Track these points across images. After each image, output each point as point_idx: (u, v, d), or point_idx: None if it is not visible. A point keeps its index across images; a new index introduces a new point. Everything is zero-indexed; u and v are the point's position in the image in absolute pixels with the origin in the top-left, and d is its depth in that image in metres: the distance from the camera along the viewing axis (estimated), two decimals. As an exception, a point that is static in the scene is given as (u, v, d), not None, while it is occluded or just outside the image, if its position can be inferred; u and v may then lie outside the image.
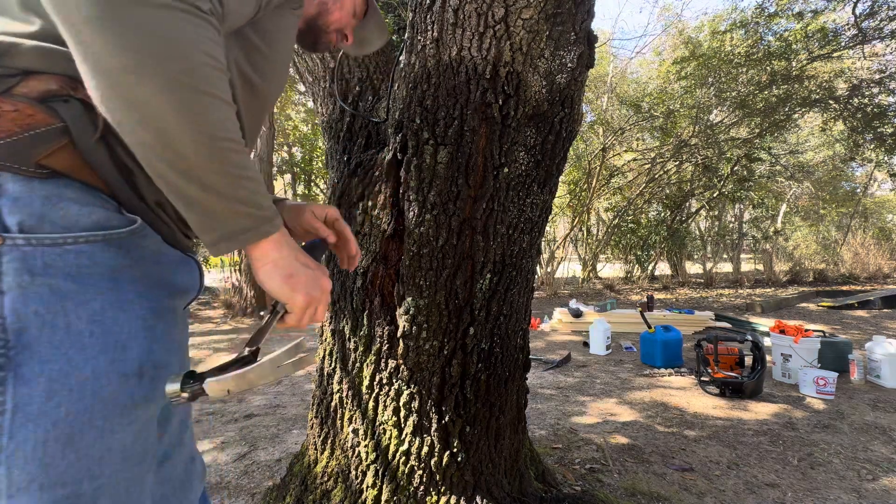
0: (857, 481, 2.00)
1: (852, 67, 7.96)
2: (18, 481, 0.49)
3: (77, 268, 0.52)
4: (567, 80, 1.26)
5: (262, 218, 0.57)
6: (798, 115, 8.70)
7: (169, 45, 0.47)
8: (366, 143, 1.49)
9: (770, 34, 7.49)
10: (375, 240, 1.37)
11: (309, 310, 0.64)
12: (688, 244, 11.55)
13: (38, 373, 0.50)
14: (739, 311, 7.04)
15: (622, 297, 9.10)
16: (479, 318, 1.35)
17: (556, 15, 1.17)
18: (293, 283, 0.61)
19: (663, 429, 2.58)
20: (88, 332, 0.52)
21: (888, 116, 7.34)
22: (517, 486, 1.53)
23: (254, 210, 0.56)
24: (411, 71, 1.28)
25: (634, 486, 1.93)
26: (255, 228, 0.56)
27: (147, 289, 0.58)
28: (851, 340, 3.80)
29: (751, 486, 1.97)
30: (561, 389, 3.33)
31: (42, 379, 0.50)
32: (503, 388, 1.44)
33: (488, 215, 1.29)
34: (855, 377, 3.36)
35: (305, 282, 0.61)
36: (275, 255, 0.60)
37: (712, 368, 3.28)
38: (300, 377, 3.64)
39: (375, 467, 1.37)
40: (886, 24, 6.45)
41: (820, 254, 12.73)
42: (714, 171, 10.32)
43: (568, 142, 1.38)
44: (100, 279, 0.53)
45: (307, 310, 0.64)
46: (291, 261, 0.61)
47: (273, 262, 0.60)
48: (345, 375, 1.45)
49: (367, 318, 1.38)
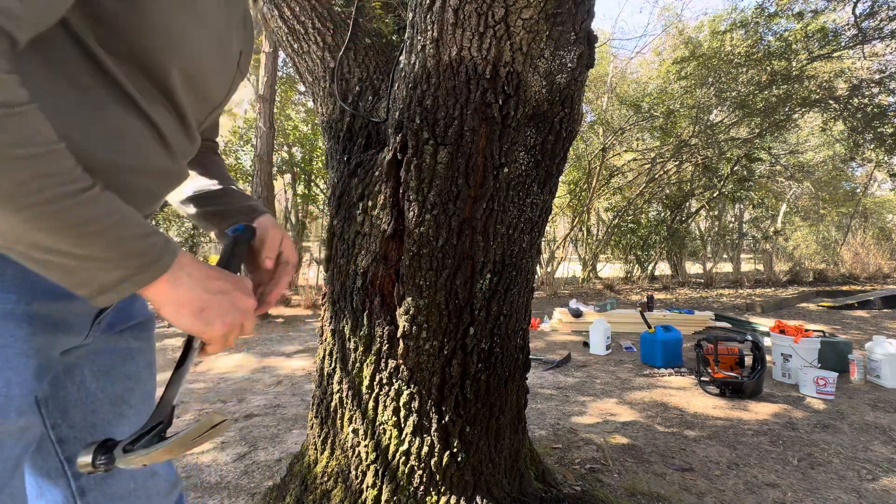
0: (857, 481, 2.00)
1: (852, 67, 7.96)
2: None
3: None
4: (567, 80, 1.26)
5: (138, 266, 0.48)
6: (798, 115, 8.70)
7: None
8: (366, 143, 1.49)
9: (770, 34, 7.50)
10: (375, 240, 1.37)
11: (231, 334, 0.58)
12: (688, 244, 11.55)
13: None
14: (739, 311, 7.04)
15: (622, 297, 9.10)
16: (479, 318, 1.35)
17: (556, 15, 1.17)
18: (205, 317, 0.54)
19: (663, 429, 2.58)
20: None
21: (888, 116, 7.34)
22: (517, 486, 1.53)
23: (121, 260, 0.47)
24: (411, 71, 1.28)
25: (634, 486, 1.93)
26: (131, 278, 0.48)
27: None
28: (851, 340, 3.80)
29: (751, 486, 1.97)
30: (561, 389, 3.34)
31: None
32: (503, 388, 1.44)
33: (488, 215, 1.29)
34: (855, 377, 3.36)
35: (220, 311, 0.55)
36: (175, 293, 0.52)
37: (712, 368, 3.28)
38: (300, 377, 3.64)
39: (375, 467, 1.37)
40: (886, 24, 6.45)
41: (820, 254, 12.74)
42: (714, 171, 10.33)
43: (568, 142, 1.38)
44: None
45: (229, 336, 0.57)
46: (198, 293, 0.54)
47: (175, 301, 0.52)
48: (345, 375, 1.45)
49: (367, 318, 1.38)
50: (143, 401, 0.75)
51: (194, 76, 0.62)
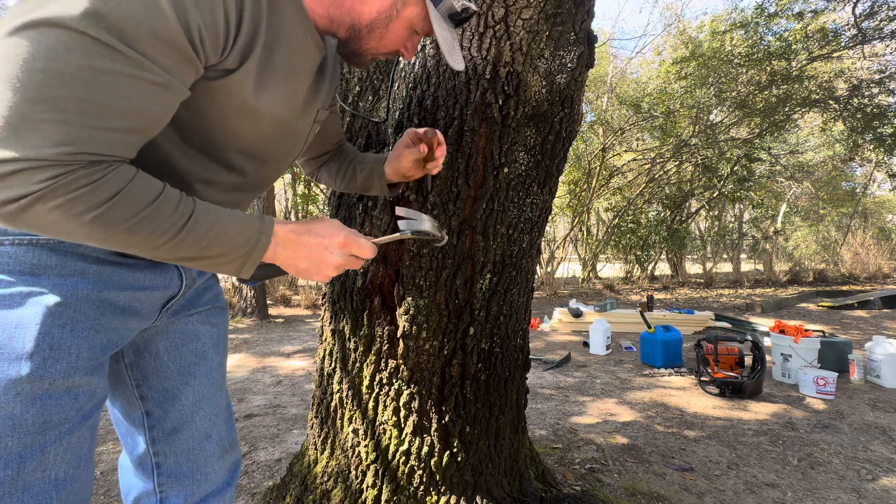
0: (857, 481, 2.00)
1: (852, 67, 7.96)
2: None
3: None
4: (567, 80, 1.26)
5: (245, 254, 0.66)
6: (798, 115, 8.70)
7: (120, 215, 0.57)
8: (366, 143, 1.49)
9: (770, 34, 7.49)
10: (376, 235, 1.37)
11: (348, 265, 0.75)
12: (688, 244, 11.55)
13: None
14: (739, 311, 7.04)
15: (622, 297, 9.10)
16: (479, 318, 1.35)
17: (556, 15, 1.17)
18: (308, 272, 0.72)
19: (663, 429, 2.58)
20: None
21: (888, 116, 7.34)
22: (517, 486, 1.53)
23: (232, 253, 0.65)
24: (411, 71, 1.28)
25: (634, 486, 1.93)
26: (245, 262, 0.66)
27: (71, 283, 0.66)
28: (851, 340, 3.80)
29: (751, 486, 1.97)
30: (561, 389, 3.33)
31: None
32: (503, 388, 1.44)
33: (488, 215, 1.29)
34: (855, 377, 3.36)
35: (317, 263, 0.72)
36: (281, 260, 0.71)
37: (712, 368, 3.28)
38: (300, 377, 3.65)
39: (375, 467, 1.37)
40: (886, 24, 6.45)
41: (820, 254, 12.74)
42: (714, 171, 10.33)
43: (568, 142, 1.38)
44: (19, 275, 0.63)
45: (345, 266, 0.74)
46: (294, 258, 0.71)
47: (284, 264, 0.72)
48: (345, 375, 1.45)
49: (367, 318, 1.38)
50: (207, 375, 0.90)
51: (254, 153, 0.78)
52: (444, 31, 0.79)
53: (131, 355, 0.84)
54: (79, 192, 0.52)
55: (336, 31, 0.76)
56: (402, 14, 0.76)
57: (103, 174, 0.54)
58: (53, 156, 0.50)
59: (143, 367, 0.85)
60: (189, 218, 0.60)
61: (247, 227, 0.66)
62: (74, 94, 0.51)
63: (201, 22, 0.56)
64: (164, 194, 0.59)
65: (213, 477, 0.91)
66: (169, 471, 0.87)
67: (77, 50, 0.50)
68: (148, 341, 0.84)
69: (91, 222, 0.54)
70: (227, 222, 0.64)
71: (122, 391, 0.86)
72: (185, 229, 0.60)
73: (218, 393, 0.93)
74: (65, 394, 0.65)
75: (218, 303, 0.95)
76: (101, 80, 0.52)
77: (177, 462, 0.87)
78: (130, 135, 0.57)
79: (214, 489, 0.91)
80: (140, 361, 0.84)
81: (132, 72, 0.53)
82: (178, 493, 0.87)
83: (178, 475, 0.87)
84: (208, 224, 0.62)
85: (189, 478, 0.88)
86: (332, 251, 0.72)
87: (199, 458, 0.88)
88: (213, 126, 0.70)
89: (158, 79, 0.56)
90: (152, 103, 0.57)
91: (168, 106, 0.60)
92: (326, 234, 0.72)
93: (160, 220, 0.58)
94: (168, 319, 0.85)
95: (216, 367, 0.92)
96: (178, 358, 0.86)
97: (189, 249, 0.61)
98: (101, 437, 2.45)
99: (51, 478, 0.65)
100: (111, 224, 0.55)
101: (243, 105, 0.68)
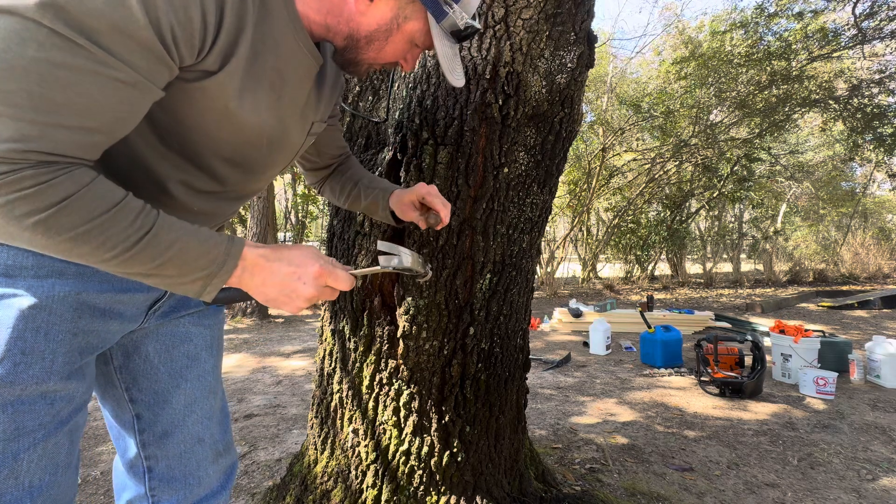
0: (857, 481, 2.00)
1: (852, 67, 7.97)
2: None
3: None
4: (567, 80, 1.26)
5: (207, 276, 0.61)
6: (798, 115, 8.70)
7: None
8: (366, 143, 1.49)
9: (770, 34, 7.50)
10: (375, 240, 1.37)
11: (321, 297, 0.69)
12: (688, 244, 11.55)
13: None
14: (739, 311, 7.04)
15: (622, 297, 9.10)
16: (479, 318, 1.35)
17: (556, 15, 1.17)
18: (278, 302, 0.67)
19: (663, 429, 2.58)
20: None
21: (888, 116, 7.34)
22: (517, 486, 1.53)
23: (193, 274, 0.61)
24: (411, 71, 1.28)
25: (634, 486, 1.93)
26: (207, 284, 0.62)
27: (48, 285, 0.64)
28: (851, 340, 3.80)
29: (751, 486, 1.97)
30: (561, 389, 3.33)
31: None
32: (503, 388, 1.44)
33: (488, 215, 1.29)
34: (855, 377, 3.36)
35: (287, 297, 0.67)
36: (249, 286, 0.66)
37: (712, 368, 3.28)
38: (300, 377, 3.65)
39: (375, 467, 1.37)
40: (886, 24, 6.45)
41: (820, 254, 12.74)
42: (714, 171, 10.32)
43: (568, 142, 1.38)
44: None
45: (317, 299, 0.69)
46: (262, 286, 0.66)
47: (252, 290, 0.67)
48: (345, 375, 1.45)
49: (367, 318, 1.38)
50: (199, 377, 0.88)
51: (237, 161, 0.75)
52: (446, 47, 0.77)
53: (120, 357, 0.82)
54: (22, 193, 0.49)
55: (333, 39, 0.74)
56: (403, 28, 0.74)
57: (52, 176, 0.50)
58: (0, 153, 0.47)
59: (132, 370, 0.83)
60: (146, 233, 0.56)
61: (212, 249, 0.61)
62: (26, 88, 0.47)
63: (174, 20, 0.53)
64: (123, 204, 0.55)
65: (207, 481, 0.89)
66: (160, 475, 0.86)
67: (32, 41, 0.47)
68: (137, 343, 0.83)
69: (33, 226, 0.51)
70: (189, 241, 0.59)
71: (112, 394, 0.84)
72: (140, 244, 0.56)
73: (211, 396, 0.91)
74: (39, 399, 0.64)
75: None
76: (57, 74, 0.48)
77: (168, 466, 0.85)
78: (91, 134, 0.53)
79: (208, 493, 0.90)
80: (129, 364, 0.83)
81: (93, 67, 0.50)
82: (170, 498, 0.86)
83: (169, 479, 0.86)
84: (168, 241, 0.58)
85: (181, 482, 0.86)
86: (304, 281, 0.67)
87: (191, 462, 0.87)
88: (191, 130, 0.67)
89: (124, 76, 0.52)
90: (117, 102, 0.53)
91: (136, 106, 0.56)
92: (300, 264, 0.67)
93: (112, 231, 0.54)
94: (157, 321, 0.83)
95: (209, 369, 0.90)
96: (169, 360, 0.85)
97: (141, 266, 0.57)
98: (102, 437, 2.45)
99: (24, 485, 0.64)
100: (55, 231, 0.51)
101: (225, 109, 0.65)
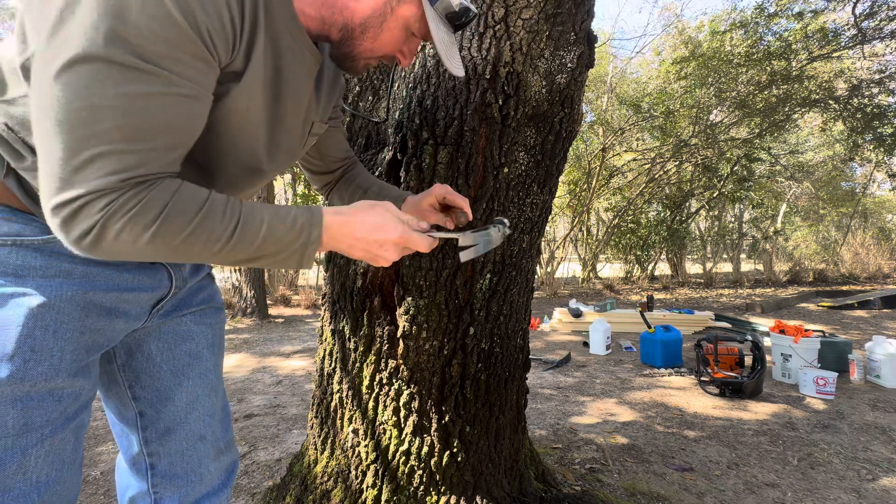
0: (857, 481, 2.00)
1: (852, 67, 7.97)
2: None
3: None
4: (567, 80, 1.26)
5: (299, 248, 0.67)
6: (798, 115, 8.70)
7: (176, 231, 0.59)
8: (366, 143, 1.49)
9: (770, 34, 7.50)
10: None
11: (404, 251, 0.74)
12: (688, 244, 11.55)
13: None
14: (739, 311, 7.04)
15: (622, 297, 9.10)
16: (479, 318, 1.35)
17: (556, 15, 1.17)
18: (364, 257, 0.73)
19: (663, 429, 2.58)
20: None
21: (888, 116, 7.34)
22: (517, 486, 1.53)
23: (288, 249, 0.66)
24: (411, 71, 1.28)
25: (634, 486, 1.93)
26: (302, 256, 0.67)
27: (56, 285, 0.66)
28: (851, 340, 3.80)
29: (751, 486, 1.97)
30: (561, 389, 3.33)
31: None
32: (503, 388, 1.44)
33: (488, 215, 1.29)
34: (855, 377, 3.36)
35: (370, 251, 0.72)
36: (337, 248, 0.71)
37: (712, 368, 3.28)
38: (300, 377, 3.65)
39: (375, 467, 1.37)
40: (886, 24, 6.45)
41: (820, 254, 12.75)
42: (714, 171, 10.32)
43: (568, 142, 1.38)
44: (2, 277, 0.64)
45: (399, 253, 0.73)
46: (347, 246, 0.71)
47: (341, 251, 0.72)
48: (345, 375, 1.45)
49: (367, 318, 1.38)
50: (201, 375, 0.90)
51: (249, 164, 0.77)
52: (442, 34, 0.76)
53: (123, 356, 0.84)
54: (131, 214, 0.55)
55: (328, 32, 0.74)
56: (396, 12, 0.73)
57: (147, 192, 0.56)
58: (106, 185, 0.53)
59: (135, 368, 0.85)
60: (238, 219, 0.61)
61: (297, 220, 0.66)
62: (117, 124, 0.53)
63: (209, 23, 0.57)
64: (211, 200, 0.60)
65: (208, 478, 0.91)
66: (163, 472, 0.87)
67: (109, 80, 0.52)
68: (140, 342, 0.84)
69: (152, 239, 0.56)
70: (273, 219, 0.64)
71: (115, 392, 0.86)
72: (238, 231, 0.61)
73: (213, 394, 0.92)
74: (47, 396, 0.66)
75: (213, 303, 0.94)
76: (137, 104, 0.54)
77: (171, 463, 0.87)
78: (174, 150, 0.59)
79: (209, 490, 0.91)
80: (132, 362, 0.85)
81: (164, 90, 0.55)
82: (172, 494, 0.87)
83: (171, 476, 0.87)
84: (258, 223, 0.63)
85: (183, 479, 0.88)
86: (386, 249, 0.72)
87: (193, 460, 0.89)
88: (219, 137, 0.69)
89: (188, 91, 0.57)
90: (187, 116, 0.59)
91: (201, 115, 0.61)
92: (382, 229, 0.71)
93: (212, 225, 0.59)
94: (160, 320, 0.84)
95: (211, 367, 0.92)
96: (171, 358, 0.86)
97: (247, 250, 0.62)
98: (102, 437, 2.45)
99: (32, 480, 0.65)
100: (170, 237, 0.57)
101: (247, 111, 0.68)
